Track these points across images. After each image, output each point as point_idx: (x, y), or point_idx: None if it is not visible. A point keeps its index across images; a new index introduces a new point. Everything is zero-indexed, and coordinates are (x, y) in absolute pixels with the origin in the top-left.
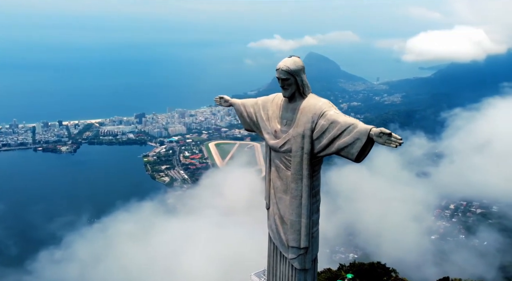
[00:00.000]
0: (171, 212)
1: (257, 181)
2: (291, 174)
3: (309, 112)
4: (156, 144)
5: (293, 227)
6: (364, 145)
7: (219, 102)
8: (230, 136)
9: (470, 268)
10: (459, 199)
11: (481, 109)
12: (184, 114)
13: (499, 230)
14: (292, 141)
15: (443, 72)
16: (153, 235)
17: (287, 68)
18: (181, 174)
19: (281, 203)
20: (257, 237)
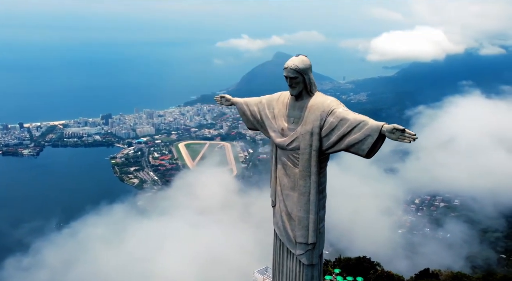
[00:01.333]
0: (143, 214)
1: (229, 180)
2: (299, 171)
3: (318, 110)
4: (124, 145)
5: (301, 223)
6: (375, 141)
7: (219, 101)
8: (200, 136)
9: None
10: (425, 193)
11: (444, 107)
12: (153, 114)
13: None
14: (300, 139)
15: (406, 71)
16: (126, 238)
17: (295, 66)
18: (150, 175)
19: (289, 200)
20: (235, 236)
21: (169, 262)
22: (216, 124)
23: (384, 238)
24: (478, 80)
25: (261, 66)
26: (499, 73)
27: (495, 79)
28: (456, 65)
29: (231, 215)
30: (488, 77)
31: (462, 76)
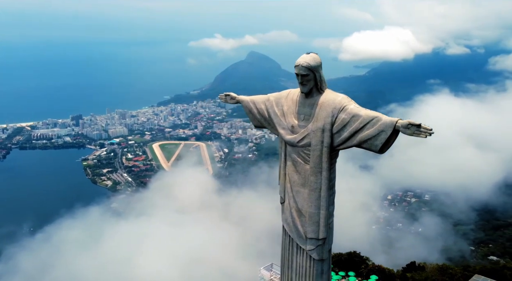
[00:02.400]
0: (120, 216)
1: (206, 180)
2: (310, 168)
3: (329, 107)
4: (96, 147)
5: (312, 219)
6: (389, 137)
7: (224, 99)
8: (174, 136)
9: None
10: (398, 189)
11: (414, 105)
12: (125, 115)
13: (437, 216)
14: (312, 136)
15: (377, 70)
16: (103, 241)
17: (307, 64)
18: (124, 177)
19: (299, 196)
20: (216, 235)
21: (150, 263)
22: (190, 124)
23: (361, 233)
24: (445, 78)
25: (235, 65)
26: (465, 72)
27: (461, 78)
28: (425, 64)
29: (211, 215)
30: (455, 76)
31: (431, 75)
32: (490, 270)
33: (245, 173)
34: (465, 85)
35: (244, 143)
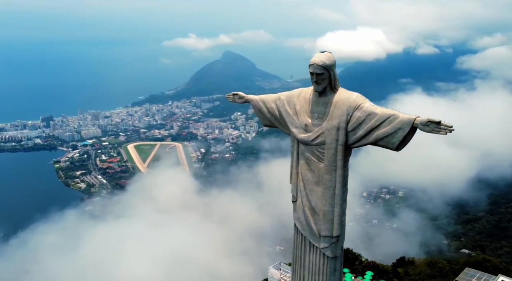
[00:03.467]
0: (97, 219)
1: (184, 181)
2: (324, 166)
3: (344, 105)
4: (68, 148)
5: (326, 217)
6: (406, 134)
7: (232, 99)
8: (149, 137)
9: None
10: (375, 186)
11: (388, 105)
12: (98, 115)
13: (415, 212)
14: (326, 134)
15: (350, 70)
16: (81, 244)
17: (322, 63)
18: (98, 179)
19: (313, 195)
20: (198, 235)
21: (133, 265)
22: (166, 124)
23: None
24: (416, 77)
25: (210, 65)
26: (434, 71)
27: (431, 77)
28: (396, 63)
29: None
30: (425, 75)
31: (402, 74)
32: (473, 263)
33: (224, 173)
34: (435, 84)
35: (221, 143)
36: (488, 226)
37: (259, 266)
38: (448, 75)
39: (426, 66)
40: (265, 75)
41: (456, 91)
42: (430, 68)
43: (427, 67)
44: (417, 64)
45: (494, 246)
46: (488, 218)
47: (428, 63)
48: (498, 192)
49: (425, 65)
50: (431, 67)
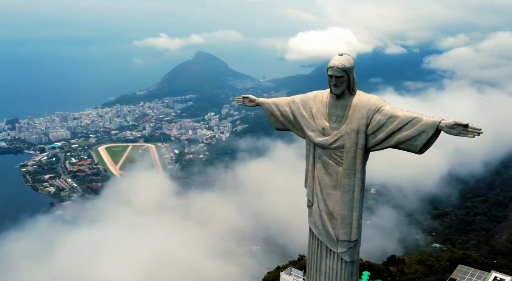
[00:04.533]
0: (71, 224)
1: (159, 182)
2: (343, 170)
3: (363, 108)
4: (36, 151)
5: (344, 221)
6: (430, 137)
7: (242, 102)
8: (121, 138)
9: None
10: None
11: None
12: (67, 117)
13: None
14: (345, 137)
15: (321, 70)
16: (55, 251)
17: (342, 65)
18: (68, 182)
19: (330, 199)
20: (180, 236)
21: (112, 270)
22: (138, 125)
23: None
24: (386, 77)
25: (183, 65)
26: (402, 71)
27: (399, 76)
28: (366, 63)
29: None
30: (394, 75)
31: (372, 74)
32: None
33: (201, 174)
34: (404, 83)
35: (194, 143)
36: (456, 220)
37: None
38: (416, 74)
39: (394, 66)
40: (237, 75)
41: (426, 90)
42: (398, 67)
43: (396, 66)
44: (386, 63)
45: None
46: (456, 212)
47: (396, 63)
48: (468, 187)
49: (393, 64)
50: (400, 67)
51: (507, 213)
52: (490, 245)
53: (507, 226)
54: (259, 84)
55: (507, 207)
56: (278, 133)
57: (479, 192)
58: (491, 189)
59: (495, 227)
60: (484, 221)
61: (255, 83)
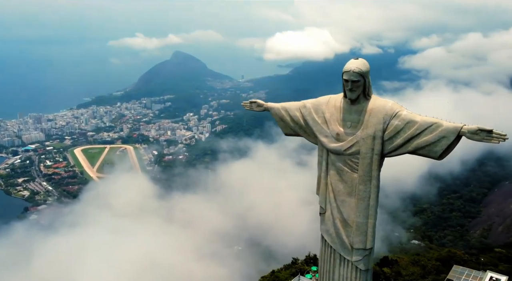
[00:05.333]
0: (49, 229)
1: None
2: (358, 176)
3: (380, 113)
4: (8, 154)
5: (360, 229)
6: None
7: (249, 107)
8: (98, 140)
9: None
10: None
11: None
12: (41, 119)
13: None
14: (361, 143)
15: (299, 70)
16: (33, 258)
17: (359, 70)
18: (44, 185)
19: (345, 206)
20: (164, 239)
21: (96, 275)
22: (115, 126)
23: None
24: None
25: (160, 65)
26: (379, 71)
27: (376, 76)
28: (344, 63)
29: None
30: (371, 75)
31: None
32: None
33: (182, 175)
34: (380, 83)
35: (173, 144)
36: (433, 216)
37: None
38: (392, 74)
39: (371, 66)
40: (216, 75)
41: (403, 90)
42: (375, 67)
43: (372, 66)
44: None
45: (438, 236)
46: (432, 209)
47: (373, 63)
48: (445, 185)
49: (370, 65)
50: (376, 67)
51: (481, 209)
52: (465, 240)
53: (480, 221)
54: (238, 84)
55: (480, 203)
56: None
57: (454, 189)
58: (466, 186)
59: (470, 223)
60: (459, 217)
61: (233, 83)
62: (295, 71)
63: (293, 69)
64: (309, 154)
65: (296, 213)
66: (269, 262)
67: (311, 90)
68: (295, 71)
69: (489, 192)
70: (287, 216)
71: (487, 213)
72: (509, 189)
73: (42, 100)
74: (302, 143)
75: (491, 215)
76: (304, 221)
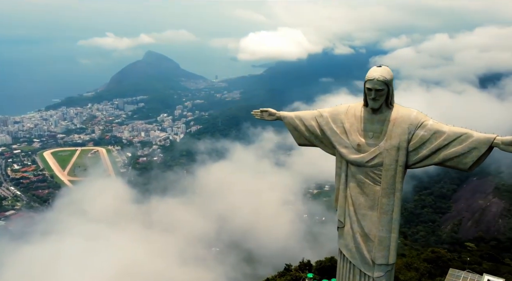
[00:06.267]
0: (19, 237)
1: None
2: (381, 189)
3: (404, 123)
4: None
5: (382, 244)
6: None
7: (260, 116)
8: (68, 142)
9: None
10: (315, 184)
11: (317, 105)
12: (7, 121)
13: None
14: (385, 154)
15: (273, 70)
16: (4, 269)
17: (383, 78)
18: (11, 190)
19: (366, 220)
20: (146, 244)
21: None
22: (86, 128)
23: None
24: (336, 77)
25: (132, 65)
26: (351, 71)
27: (349, 76)
28: (317, 63)
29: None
30: (343, 74)
31: (323, 74)
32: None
33: (159, 178)
34: (353, 82)
35: (148, 146)
36: (406, 213)
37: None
38: (364, 74)
39: (343, 66)
40: (190, 75)
41: None
42: (347, 67)
43: (345, 66)
44: (335, 64)
45: (412, 231)
46: (405, 205)
47: (345, 63)
48: (420, 183)
49: (342, 64)
50: (348, 67)
51: (451, 204)
52: (437, 235)
53: (450, 216)
54: (212, 84)
55: (450, 199)
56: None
57: (426, 186)
58: (436, 183)
59: (441, 218)
60: (431, 213)
61: (208, 83)
62: (269, 71)
63: (267, 69)
64: (287, 154)
65: (277, 214)
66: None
67: (285, 89)
68: (269, 71)
69: (458, 188)
70: (267, 218)
71: (457, 208)
72: (477, 185)
73: (8, 102)
74: (279, 143)
75: (461, 211)
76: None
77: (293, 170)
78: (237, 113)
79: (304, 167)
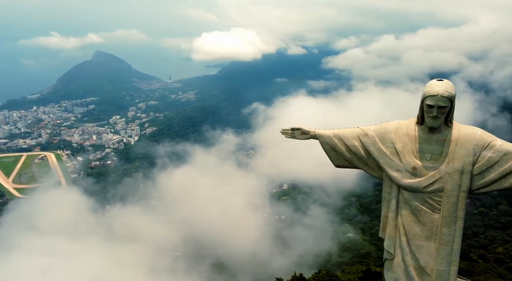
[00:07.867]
0: None
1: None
2: (441, 217)
3: (468, 144)
4: None
5: (441, 278)
6: None
7: (291, 135)
8: (12, 148)
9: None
10: (279, 185)
11: (278, 107)
12: None
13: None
14: (446, 179)
15: (227, 70)
16: None
17: (449, 94)
18: None
19: (422, 252)
20: (112, 257)
21: None
22: (32, 132)
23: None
24: (290, 77)
25: (80, 66)
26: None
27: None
28: (271, 63)
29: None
30: (297, 74)
31: (278, 74)
32: None
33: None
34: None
35: (100, 149)
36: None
37: None
38: (316, 74)
39: (297, 66)
40: (142, 76)
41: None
42: (300, 67)
43: (298, 66)
44: (289, 64)
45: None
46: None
47: (298, 63)
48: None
49: (296, 64)
50: (301, 67)
51: None
52: None
53: None
54: (166, 85)
55: None
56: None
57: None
58: None
59: None
60: None
61: (161, 84)
62: (223, 71)
63: (221, 69)
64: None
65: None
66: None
67: (241, 90)
68: (223, 71)
69: None
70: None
71: None
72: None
73: None
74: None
75: None
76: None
77: (257, 172)
78: (193, 114)
79: (266, 168)
